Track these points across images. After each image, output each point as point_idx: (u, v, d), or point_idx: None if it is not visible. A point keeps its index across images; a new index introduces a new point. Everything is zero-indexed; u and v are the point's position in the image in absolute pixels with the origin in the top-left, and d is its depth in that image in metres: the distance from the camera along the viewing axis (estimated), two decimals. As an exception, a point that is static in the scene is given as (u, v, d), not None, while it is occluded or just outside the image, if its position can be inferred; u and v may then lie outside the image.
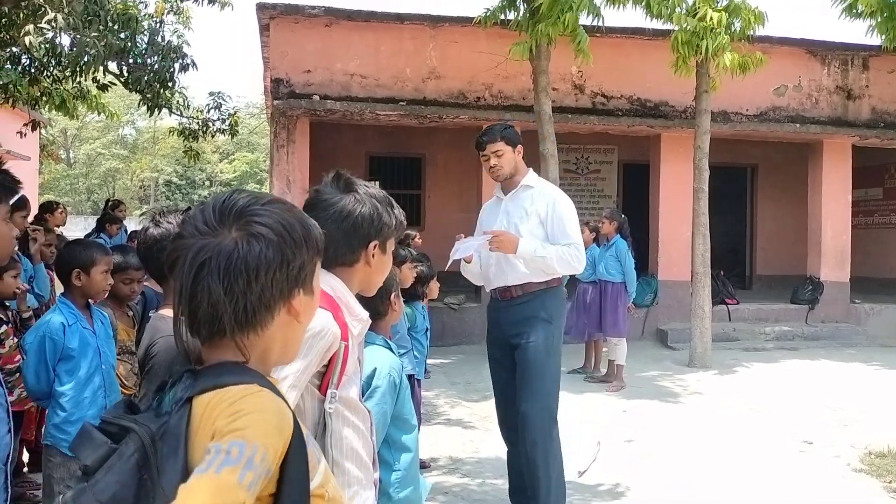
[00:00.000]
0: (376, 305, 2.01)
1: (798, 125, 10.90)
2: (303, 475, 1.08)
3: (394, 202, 1.78)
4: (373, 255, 1.71)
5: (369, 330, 1.85)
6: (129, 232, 9.21)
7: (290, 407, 1.11)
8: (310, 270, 1.18)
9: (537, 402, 3.70)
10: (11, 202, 2.05)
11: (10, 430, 2.02)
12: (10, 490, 2.03)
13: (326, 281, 1.56)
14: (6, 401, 2.04)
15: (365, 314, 1.68)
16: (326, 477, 1.21)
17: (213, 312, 1.09)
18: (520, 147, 3.90)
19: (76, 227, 22.37)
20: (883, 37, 9.30)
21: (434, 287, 4.98)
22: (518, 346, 3.77)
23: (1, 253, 2.09)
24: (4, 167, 2.09)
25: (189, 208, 2.35)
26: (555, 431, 3.74)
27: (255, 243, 1.10)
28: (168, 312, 2.22)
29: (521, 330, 3.78)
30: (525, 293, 3.82)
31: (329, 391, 1.56)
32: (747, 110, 10.87)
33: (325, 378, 1.55)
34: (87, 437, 1.08)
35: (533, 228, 3.81)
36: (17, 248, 3.11)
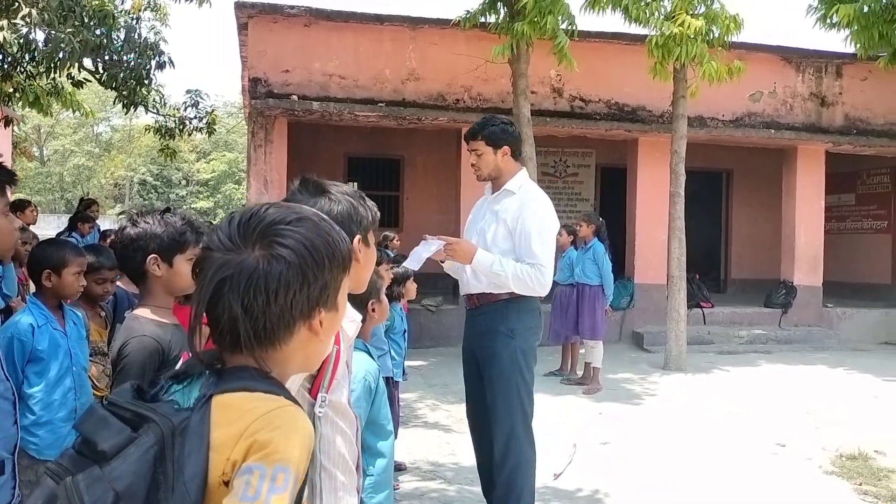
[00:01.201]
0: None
1: (773, 131, 11.04)
2: (301, 492, 1.10)
3: (364, 195, 1.78)
4: (359, 251, 1.71)
5: None
6: (101, 231, 9.11)
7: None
8: (333, 289, 1.17)
9: (504, 423, 3.49)
10: None
11: (15, 422, 2.08)
12: (17, 478, 2.05)
13: None
14: (13, 394, 2.08)
15: (358, 315, 1.68)
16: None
17: (231, 327, 1.09)
18: (505, 148, 3.59)
19: (49, 226, 22.03)
20: (858, 46, 9.46)
21: (411, 287, 4.95)
22: (482, 361, 3.58)
23: (3, 247, 2.11)
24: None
25: (168, 209, 2.33)
26: (522, 448, 3.50)
27: (276, 264, 1.09)
28: (142, 313, 2.20)
29: (483, 344, 3.57)
30: (485, 303, 3.58)
31: (319, 395, 1.55)
32: (723, 116, 10.99)
33: (315, 381, 1.55)
34: (101, 419, 1.06)
35: (500, 239, 3.55)
36: None
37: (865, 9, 9.18)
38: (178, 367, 1.22)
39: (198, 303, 1.11)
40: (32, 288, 2.99)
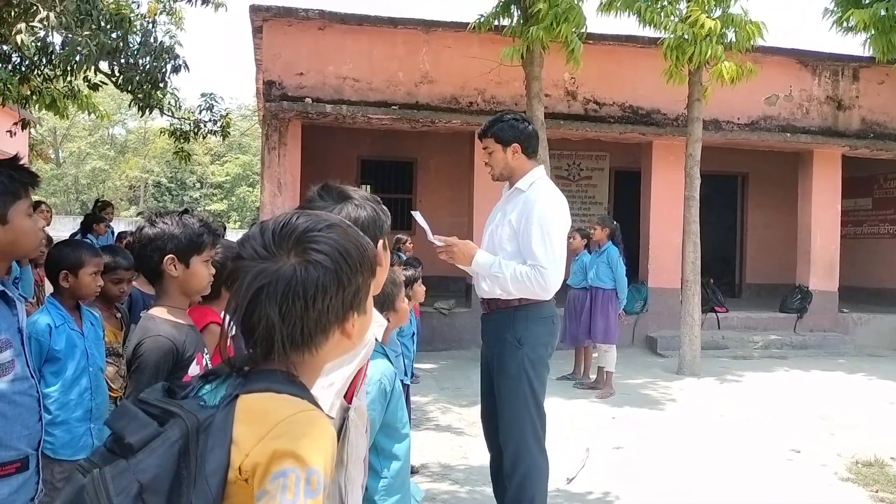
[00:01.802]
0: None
1: (788, 134, 10.96)
2: None
3: (378, 200, 1.82)
4: (381, 255, 1.75)
5: None
6: (116, 233, 9.16)
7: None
8: (364, 292, 1.20)
9: (514, 432, 3.41)
10: None
11: (40, 419, 2.11)
12: (41, 473, 2.11)
13: None
14: (38, 392, 2.11)
15: (384, 320, 1.71)
16: None
17: (267, 335, 1.11)
18: (515, 145, 3.48)
19: (64, 227, 22.21)
20: (876, 50, 9.38)
21: (419, 290, 4.97)
22: (492, 368, 3.51)
23: (27, 247, 2.15)
24: (22, 163, 2.15)
25: (186, 210, 2.35)
26: (532, 457, 3.40)
27: (313, 270, 1.12)
28: (157, 313, 2.21)
29: (493, 351, 3.50)
30: (495, 309, 3.49)
31: (354, 400, 1.60)
32: (738, 119, 10.93)
33: (351, 387, 1.58)
34: (131, 414, 1.09)
35: (505, 241, 3.46)
36: None
37: (882, 12, 9.10)
38: (190, 367, 1.24)
39: (234, 312, 1.13)
40: (49, 289, 3.02)
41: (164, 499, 1.02)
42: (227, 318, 1.14)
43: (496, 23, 8.79)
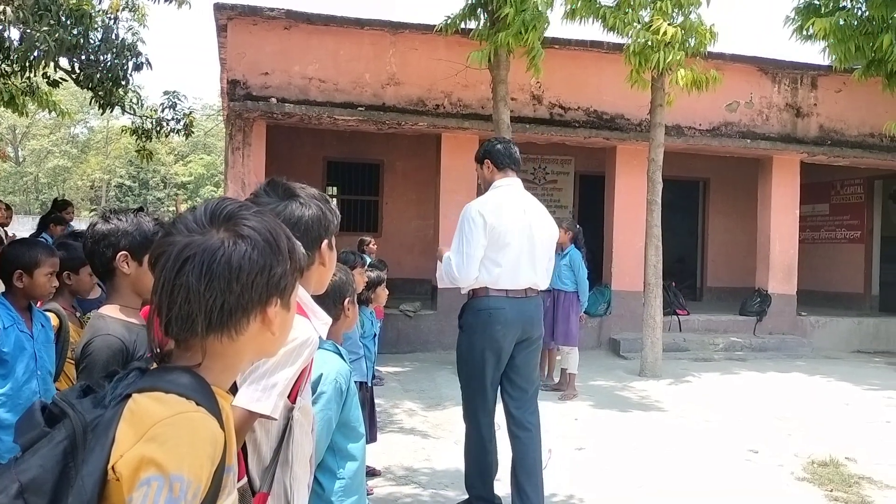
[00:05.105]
0: (328, 310, 2.00)
1: (749, 141, 11.16)
2: (210, 501, 1.09)
3: (329, 199, 1.80)
4: (325, 255, 1.74)
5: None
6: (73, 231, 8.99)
7: (223, 427, 1.10)
8: (290, 283, 1.18)
9: (463, 405, 4.18)
10: None
11: None
12: None
13: None
14: None
15: (328, 318, 1.70)
16: None
17: (188, 310, 1.09)
18: (486, 161, 4.12)
19: (23, 227, 21.70)
20: (835, 58, 9.59)
21: (382, 293, 4.98)
22: None
23: None
24: None
25: (141, 208, 2.32)
26: (468, 430, 4.13)
27: (242, 244, 1.11)
28: (108, 311, 2.17)
29: None
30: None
31: (298, 399, 1.58)
32: (700, 125, 11.09)
33: (295, 385, 1.56)
34: (28, 416, 1.09)
35: None
36: None
37: (841, 22, 9.31)
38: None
39: (161, 287, 1.10)
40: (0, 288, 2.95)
41: (47, 499, 1.02)
42: (153, 297, 1.11)
43: (462, 25, 8.79)
